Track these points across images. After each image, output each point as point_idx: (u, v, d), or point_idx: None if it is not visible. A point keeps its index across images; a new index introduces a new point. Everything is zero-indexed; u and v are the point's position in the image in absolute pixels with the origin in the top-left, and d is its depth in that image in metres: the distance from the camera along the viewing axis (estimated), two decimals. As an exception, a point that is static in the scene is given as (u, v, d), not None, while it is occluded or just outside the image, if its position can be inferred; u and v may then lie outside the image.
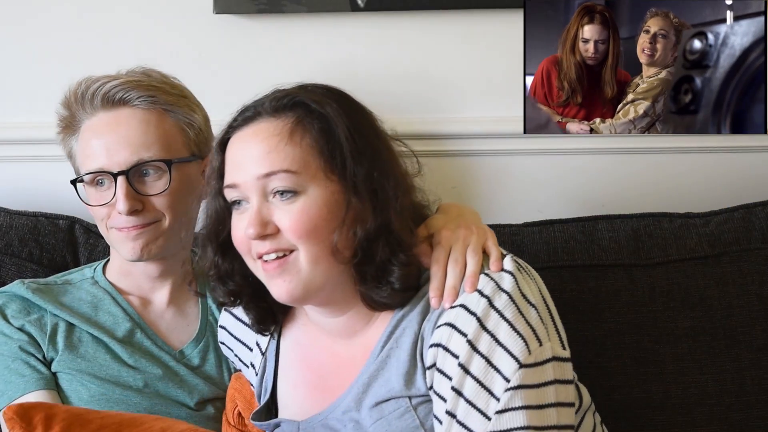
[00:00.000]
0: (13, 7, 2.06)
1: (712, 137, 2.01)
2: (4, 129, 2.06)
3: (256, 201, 1.39)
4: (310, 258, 1.38)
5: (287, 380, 1.55)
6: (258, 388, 1.58)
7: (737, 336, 1.79)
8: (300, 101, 1.41)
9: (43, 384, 1.62)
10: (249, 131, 1.41)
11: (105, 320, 1.70)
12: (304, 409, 1.50)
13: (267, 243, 1.39)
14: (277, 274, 1.39)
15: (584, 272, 1.82)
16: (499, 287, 1.37)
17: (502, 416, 1.31)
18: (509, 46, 1.98)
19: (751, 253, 1.83)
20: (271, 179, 1.38)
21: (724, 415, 1.78)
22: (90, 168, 1.65)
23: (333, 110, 1.41)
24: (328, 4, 1.99)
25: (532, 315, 1.36)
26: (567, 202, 2.05)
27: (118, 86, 1.64)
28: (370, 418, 1.42)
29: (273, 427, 1.53)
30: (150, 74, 1.70)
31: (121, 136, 1.63)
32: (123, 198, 1.62)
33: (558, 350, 1.36)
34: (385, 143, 1.46)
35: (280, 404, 1.55)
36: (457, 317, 1.36)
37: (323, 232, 1.38)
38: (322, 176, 1.39)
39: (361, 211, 1.39)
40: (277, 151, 1.38)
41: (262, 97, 1.45)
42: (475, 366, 1.33)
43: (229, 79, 2.04)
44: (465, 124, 2.03)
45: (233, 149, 1.43)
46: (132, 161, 1.62)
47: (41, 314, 1.68)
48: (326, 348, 1.51)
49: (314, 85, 1.47)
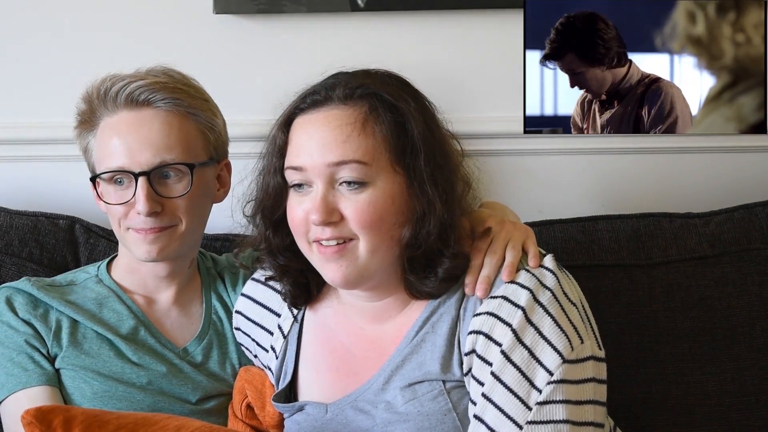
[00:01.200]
0: (14, 9, 2.05)
1: (712, 137, 2.01)
2: (4, 129, 2.06)
3: (322, 187, 1.40)
4: (370, 247, 1.40)
5: (310, 364, 1.56)
6: (278, 371, 1.59)
7: (737, 336, 1.79)
8: (374, 92, 1.42)
9: (45, 380, 1.62)
10: (319, 116, 1.42)
11: (109, 317, 1.70)
12: (329, 393, 1.52)
13: (328, 230, 1.40)
14: (334, 259, 1.41)
15: (584, 272, 1.81)
16: (541, 283, 1.41)
17: (543, 408, 1.35)
18: (509, 46, 1.98)
19: (751, 253, 1.83)
20: (341, 168, 1.39)
21: (724, 415, 1.78)
22: (110, 166, 1.63)
23: (408, 105, 1.43)
24: (328, 4, 1.99)
25: (573, 313, 1.40)
26: (567, 202, 2.05)
27: (144, 87, 1.62)
28: (403, 398, 1.44)
29: (296, 410, 1.54)
30: (172, 75, 1.68)
31: (144, 137, 1.61)
32: (144, 199, 1.60)
33: (596, 350, 1.41)
34: (447, 139, 1.49)
35: (301, 388, 1.57)
36: (500, 307, 1.39)
37: (387, 223, 1.40)
38: (390, 169, 1.41)
39: (429, 205, 1.41)
40: (350, 140, 1.39)
41: (330, 81, 1.45)
42: (518, 355, 1.37)
43: (229, 79, 2.04)
44: (465, 124, 2.02)
45: (301, 131, 1.43)
46: (154, 163, 1.61)
47: (46, 310, 1.67)
48: (354, 332, 1.53)
49: (381, 72, 1.48)
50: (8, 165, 2.07)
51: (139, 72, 1.67)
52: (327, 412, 1.50)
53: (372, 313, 1.51)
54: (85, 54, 2.05)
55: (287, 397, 1.58)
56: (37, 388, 1.61)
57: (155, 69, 1.69)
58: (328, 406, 1.51)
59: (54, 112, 2.02)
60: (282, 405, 1.56)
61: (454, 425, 1.42)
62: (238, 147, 1.96)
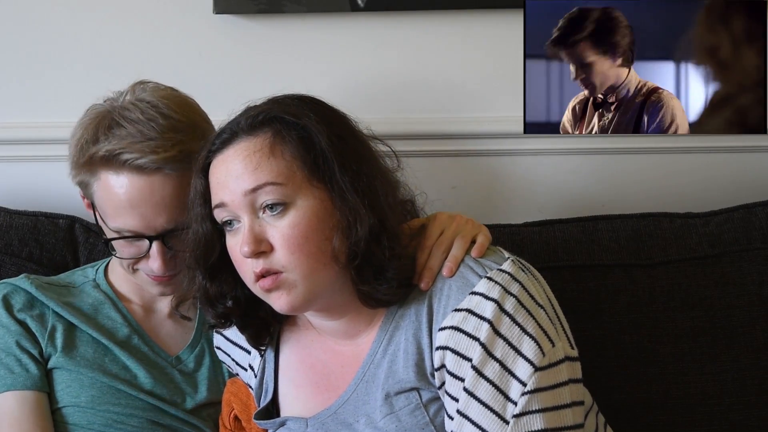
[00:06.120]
0: (12, 8, 2.05)
1: (712, 137, 2.01)
2: (4, 129, 2.06)
3: (248, 218, 1.40)
4: (305, 271, 1.39)
5: (289, 381, 1.55)
6: (257, 389, 1.58)
7: (737, 336, 1.79)
8: (274, 116, 1.42)
9: (30, 384, 1.61)
10: (229, 152, 1.42)
11: (105, 323, 1.69)
12: (309, 408, 1.51)
13: (260, 262, 1.39)
14: (274, 289, 1.40)
15: (584, 272, 1.82)
16: (506, 291, 1.38)
17: (521, 420, 1.33)
18: (509, 46, 1.98)
19: (751, 253, 1.83)
20: (258, 194, 1.39)
21: (724, 415, 1.78)
22: (121, 227, 1.59)
23: (309, 119, 1.42)
24: (328, 4, 1.99)
25: (542, 316, 1.38)
26: (567, 202, 2.04)
27: (150, 160, 1.54)
28: (381, 412, 1.43)
29: (277, 426, 1.54)
30: (167, 114, 1.59)
31: (156, 203, 1.57)
32: (160, 261, 1.59)
33: (568, 350, 1.38)
34: (364, 143, 1.47)
35: (282, 405, 1.56)
36: (465, 321, 1.37)
37: (314, 242, 1.38)
38: (307, 185, 1.40)
39: (353, 213, 1.39)
40: (261, 166, 1.39)
41: (236, 117, 1.45)
42: (489, 370, 1.34)
43: (228, 79, 2.04)
44: (465, 124, 2.03)
45: (216, 171, 1.43)
46: (169, 227, 1.58)
47: (43, 310, 1.67)
48: (329, 348, 1.52)
49: (285, 96, 1.47)
50: (8, 165, 2.07)
51: (140, 122, 1.57)
52: (307, 426, 1.50)
53: (340, 331, 1.49)
54: (84, 54, 2.04)
55: (270, 412, 1.57)
56: (21, 392, 1.60)
57: (147, 102, 1.60)
58: (308, 420, 1.50)
59: (53, 112, 2.02)
60: (264, 422, 1.55)
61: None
62: (238, 147, 1.96)
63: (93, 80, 2.03)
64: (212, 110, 1.99)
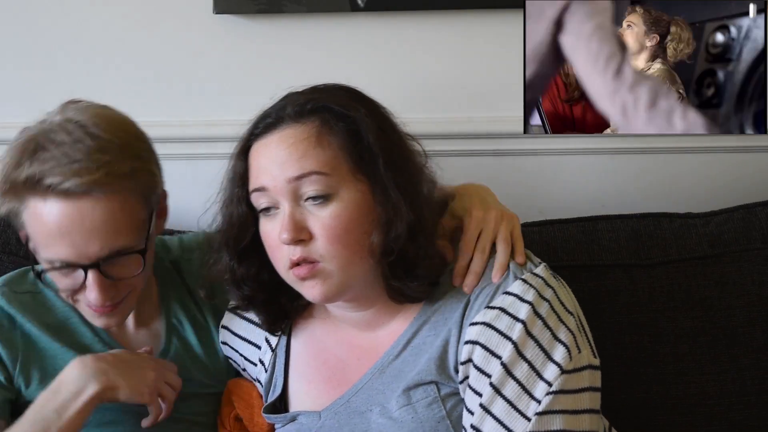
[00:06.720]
0: (12, 8, 2.06)
1: (713, 137, 2.01)
2: (4, 129, 2.06)
3: (289, 205, 1.40)
4: (342, 262, 1.40)
5: (300, 376, 1.56)
6: (267, 384, 1.59)
7: (737, 336, 1.79)
8: (323, 105, 1.42)
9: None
10: (274, 138, 1.42)
11: (78, 339, 1.62)
12: (321, 403, 1.52)
13: (298, 249, 1.40)
14: (309, 278, 1.41)
15: (584, 272, 1.82)
16: (540, 295, 1.41)
17: (542, 418, 1.35)
18: (509, 46, 1.98)
19: (751, 253, 1.83)
20: (302, 182, 1.39)
21: (724, 415, 1.78)
22: (52, 257, 1.48)
23: (359, 112, 1.43)
24: (328, 4, 1.99)
25: (571, 322, 1.41)
26: (567, 202, 2.05)
27: (74, 184, 1.43)
28: (397, 403, 1.44)
29: (287, 420, 1.54)
30: (96, 134, 1.47)
31: (87, 229, 1.46)
32: (96, 292, 1.49)
33: (591, 359, 1.42)
34: (405, 140, 1.49)
35: (292, 399, 1.57)
36: (498, 319, 1.39)
37: (354, 234, 1.40)
38: (351, 178, 1.41)
39: (394, 210, 1.40)
40: (307, 155, 1.39)
41: (280, 103, 1.45)
42: (518, 370, 1.37)
43: (228, 79, 2.04)
44: (465, 124, 2.03)
45: (259, 155, 1.43)
46: (103, 254, 1.48)
47: (12, 330, 1.59)
48: (346, 341, 1.53)
49: (331, 85, 1.48)
50: (8, 165, 2.07)
51: (65, 144, 1.46)
52: (320, 418, 1.50)
53: (362, 322, 1.51)
54: (84, 54, 2.05)
55: (277, 408, 1.58)
56: None
57: (75, 122, 1.49)
58: (321, 412, 1.51)
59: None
60: (274, 416, 1.56)
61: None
62: (238, 147, 1.96)
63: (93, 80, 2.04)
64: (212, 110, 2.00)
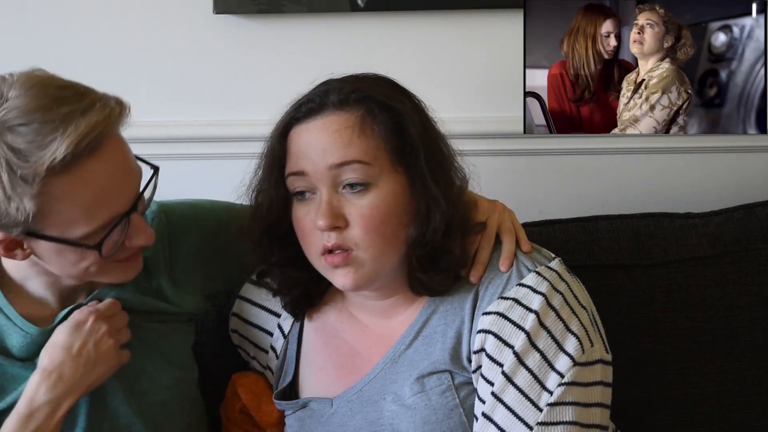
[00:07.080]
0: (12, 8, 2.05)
1: (712, 137, 2.01)
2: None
3: (326, 191, 1.41)
4: (376, 252, 1.41)
5: (312, 363, 1.57)
6: (278, 371, 1.59)
7: (737, 336, 1.79)
8: (368, 95, 1.43)
9: None
10: (317, 123, 1.42)
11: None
12: (333, 390, 1.53)
13: (333, 236, 1.40)
14: (341, 266, 1.41)
15: (584, 272, 1.81)
16: (554, 288, 1.42)
17: (554, 409, 1.37)
18: (509, 46, 1.98)
19: (751, 253, 1.83)
20: (343, 170, 1.40)
21: (724, 415, 1.78)
22: (99, 223, 1.39)
23: (403, 105, 1.44)
24: (328, 4, 1.99)
25: (584, 316, 1.42)
26: (567, 202, 2.05)
27: (94, 137, 1.35)
28: (411, 390, 1.45)
29: (298, 407, 1.55)
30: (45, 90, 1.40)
31: (127, 174, 1.41)
32: (145, 229, 1.45)
33: (603, 353, 1.43)
34: (442, 136, 1.50)
35: (303, 386, 1.57)
36: (511, 309, 1.40)
37: (391, 225, 1.41)
38: (391, 169, 1.41)
39: (431, 203, 1.41)
40: (351, 143, 1.40)
41: (322, 88, 1.45)
42: (531, 359, 1.38)
43: (229, 79, 2.03)
44: (465, 124, 2.02)
45: (300, 139, 1.43)
46: (137, 194, 1.44)
47: None
48: (359, 329, 1.54)
49: (372, 75, 1.48)
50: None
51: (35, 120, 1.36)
52: (332, 405, 1.51)
53: (380, 310, 1.52)
54: (84, 54, 2.04)
55: (287, 395, 1.59)
56: None
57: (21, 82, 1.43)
58: (333, 399, 1.51)
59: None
60: (285, 402, 1.56)
61: (460, 420, 1.43)
62: (239, 147, 1.97)
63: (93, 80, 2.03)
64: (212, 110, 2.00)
